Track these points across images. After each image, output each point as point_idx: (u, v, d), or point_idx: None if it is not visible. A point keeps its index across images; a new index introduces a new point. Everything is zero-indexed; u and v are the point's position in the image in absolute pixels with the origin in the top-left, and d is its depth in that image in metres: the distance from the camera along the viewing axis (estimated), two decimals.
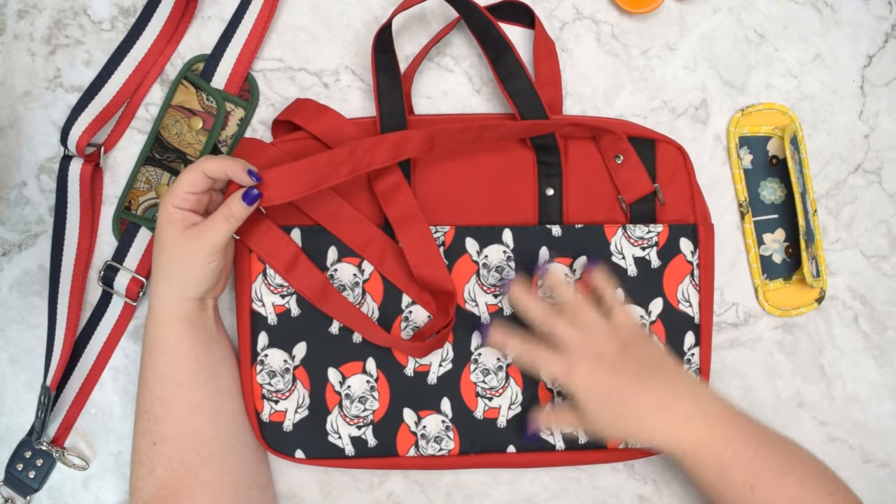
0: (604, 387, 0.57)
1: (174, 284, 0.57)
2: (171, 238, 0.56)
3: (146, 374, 0.58)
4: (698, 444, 0.56)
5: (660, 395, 0.57)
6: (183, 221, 0.56)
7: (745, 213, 0.67)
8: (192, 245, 0.55)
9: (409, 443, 0.63)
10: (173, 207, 0.56)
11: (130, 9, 0.67)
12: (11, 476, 0.65)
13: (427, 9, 0.67)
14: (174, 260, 0.56)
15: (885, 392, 0.69)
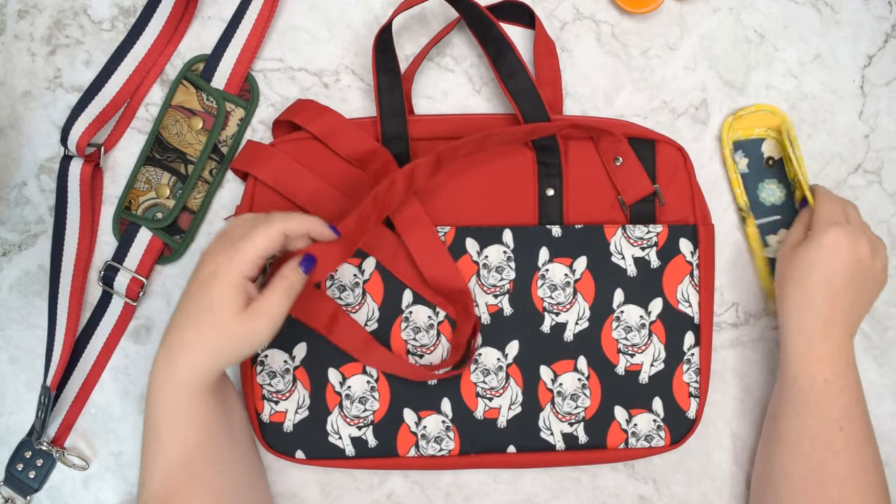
0: (829, 263, 0.59)
1: (219, 360, 0.53)
2: (230, 316, 0.51)
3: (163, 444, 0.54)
4: (822, 357, 0.59)
5: (836, 308, 0.59)
6: (246, 296, 0.52)
7: (745, 217, 0.67)
8: (253, 326, 0.51)
9: (410, 443, 0.63)
10: (243, 278, 0.51)
11: (130, 9, 0.67)
12: (11, 476, 0.65)
13: (427, 9, 0.67)
14: (228, 339, 0.51)
15: (885, 392, 0.69)
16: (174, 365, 0.53)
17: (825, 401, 0.59)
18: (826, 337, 0.59)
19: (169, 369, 0.53)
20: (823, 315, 0.59)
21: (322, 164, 0.63)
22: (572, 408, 0.64)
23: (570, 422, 0.64)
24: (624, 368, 0.64)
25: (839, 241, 0.59)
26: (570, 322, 0.64)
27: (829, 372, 0.59)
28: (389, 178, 0.58)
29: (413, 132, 0.64)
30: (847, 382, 0.59)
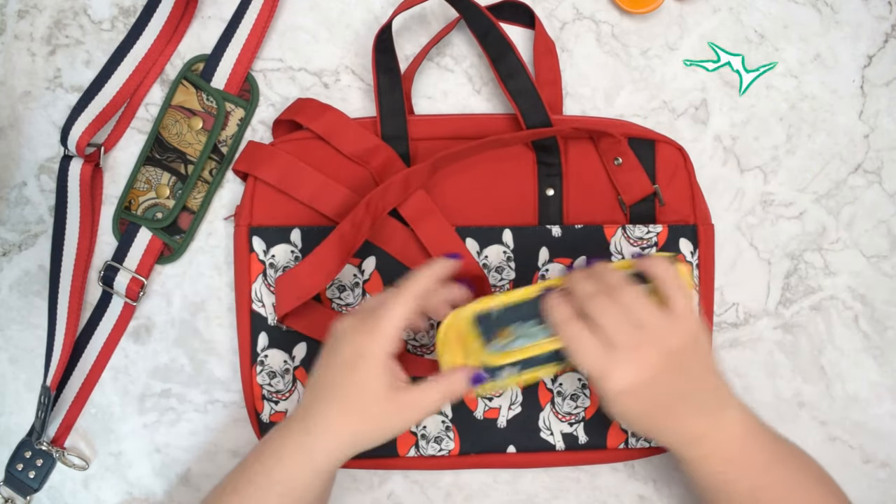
0: (637, 404, 0.51)
1: (358, 445, 0.51)
2: (377, 401, 0.49)
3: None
4: (707, 456, 0.54)
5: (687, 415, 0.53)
6: (394, 378, 0.50)
7: None
8: (401, 416, 0.50)
9: (410, 443, 0.63)
10: (388, 357, 0.50)
11: (130, 9, 0.67)
12: (11, 476, 0.65)
13: (427, 9, 0.67)
14: (373, 425, 0.50)
15: (885, 392, 0.69)
16: (311, 445, 0.51)
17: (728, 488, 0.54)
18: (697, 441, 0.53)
19: (304, 447, 0.52)
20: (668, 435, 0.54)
21: (323, 163, 0.63)
22: (572, 408, 0.64)
23: (570, 422, 0.64)
24: None
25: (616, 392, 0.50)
26: None
27: (718, 464, 0.54)
28: (384, 184, 0.59)
29: (413, 132, 0.64)
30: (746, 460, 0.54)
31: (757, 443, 0.55)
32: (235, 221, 0.64)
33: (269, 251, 0.63)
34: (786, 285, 0.68)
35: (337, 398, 0.51)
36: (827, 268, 0.69)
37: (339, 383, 0.51)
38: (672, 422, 0.53)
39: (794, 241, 0.68)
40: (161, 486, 0.66)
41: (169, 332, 0.67)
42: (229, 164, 0.66)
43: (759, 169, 0.68)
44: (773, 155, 0.69)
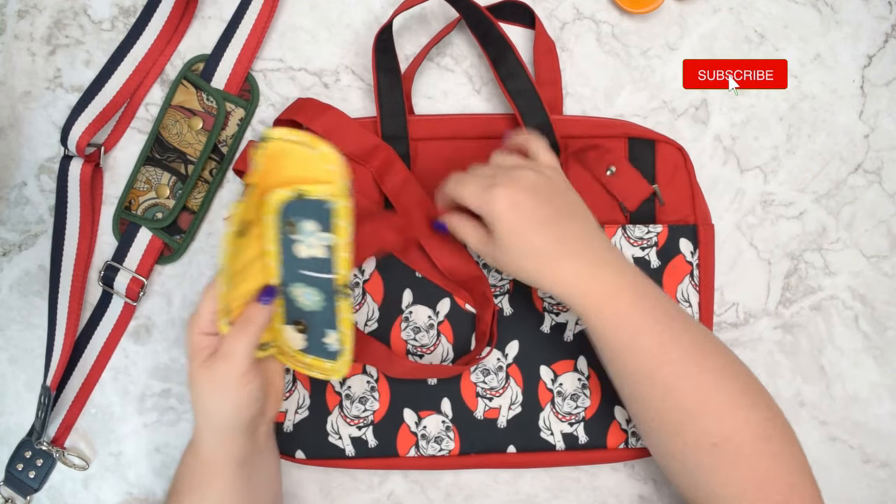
0: (522, 214, 0.52)
1: (214, 423, 0.52)
2: (194, 373, 0.51)
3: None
4: (609, 295, 0.53)
5: (576, 238, 0.53)
6: (205, 351, 0.51)
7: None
8: (216, 374, 0.50)
9: (410, 443, 0.63)
10: (199, 335, 0.51)
11: (130, 9, 0.67)
12: (11, 476, 0.65)
13: (427, 9, 0.67)
14: (204, 397, 0.51)
15: (885, 392, 0.69)
16: (195, 438, 0.54)
17: (635, 340, 0.53)
18: (592, 275, 0.53)
19: (192, 443, 0.55)
20: (558, 266, 0.53)
21: None
22: (572, 408, 0.64)
23: (570, 422, 0.64)
24: None
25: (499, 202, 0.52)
26: (571, 322, 0.64)
27: (621, 307, 0.53)
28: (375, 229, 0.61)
29: (413, 132, 0.64)
30: (647, 305, 0.53)
31: (659, 290, 0.55)
32: None
33: None
34: (786, 285, 0.68)
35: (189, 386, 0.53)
36: (827, 268, 0.69)
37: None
38: (567, 251, 0.53)
39: (794, 241, 0.68)
40: (161, 486, 0.66)
41: (169, 332, 0.67)
42: (229, 164, 0.66)
43: (759, 169, 0.69)
44: (773, 155, 0.69)
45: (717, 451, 0.52)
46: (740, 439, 0.52)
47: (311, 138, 0.48)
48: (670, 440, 0.54)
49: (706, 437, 0.52)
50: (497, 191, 0.52)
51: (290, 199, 0.50)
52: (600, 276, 0.53)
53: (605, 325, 0.53)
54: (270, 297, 0.52)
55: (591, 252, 0.54)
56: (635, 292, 0.53)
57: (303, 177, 0.49)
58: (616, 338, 0.53)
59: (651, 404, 0.54)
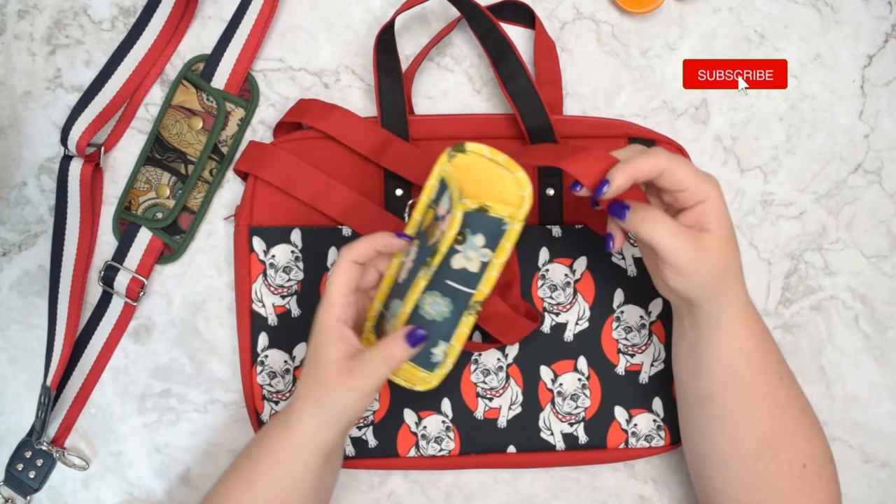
0: (730, 228, 0.51)
1: (324, 416, 0.52)
2: (331, 364, 0.51)
3: (254, 482, 0.53)
4: (755, 311, 0.54)
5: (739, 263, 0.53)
6: (344, 345, 0.51)
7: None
8: (352, 381, 0.50)
9: (410, 443, 0.63)
10: (338, 322, 0.51)
11: (130, 9, 0.67)
12: (11, 476, 0.65)
13: (428, 9, 0.67)
14: (330, 392, 0.51)
15: (885, 392, 0.69)
16: (289, 413, 0.53)
17: (768, 356, 0.54)
18: (746, 293, 0.53)
19: (284, 414, 0.54)
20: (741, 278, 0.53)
21: (324, 162, 0.63)
22: (572, 408, 0.64)
23: (570, 422, 0.64)
24: (624, 368, 0.64)
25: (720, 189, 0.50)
26: (571, 322, 0.64)
27: (759, 321, 0.54)
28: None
29: (413, 132, 0.64)
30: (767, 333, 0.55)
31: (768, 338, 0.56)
32: (235, 221, 0.64)
33: (270, 251, 0.63)
34: (786, 285, 0.68)
35: (305, 373, 0.53)
36: (827, 268, 0.69)
37: (307, 357, 0.53)
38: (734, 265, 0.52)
39: (794, 241, 0.68)
40: (161, 486, 0.66)
41: (169, 332, 0.67)
42: (229, 164, 0.66)
43: (759, 169, 0.69)
44: (773, 155, 0.69)
45: (804, 474, 0.54)
46: (821, 461, 0.55)
47: (510, 161, 0.50)
48: (765, 468, 0.54)
49: (799, 458, 0.54)
50: (717, 181, 0.49)
51: (471, 211, 0.50)
52: (750, 300, 0.54)
53: (752, 339, 0.53)
54: (419, 342, 0.51)
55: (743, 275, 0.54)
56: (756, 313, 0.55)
57: (486, 194, 0.51)
58: (755, 353, 0.53)
59: (760, 429, 0.54)
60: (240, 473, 0.55)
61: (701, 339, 0.54)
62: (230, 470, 0.56)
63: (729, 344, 0.53)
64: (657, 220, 0.49)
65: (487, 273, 0.52)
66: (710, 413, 0.55)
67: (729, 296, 0.53)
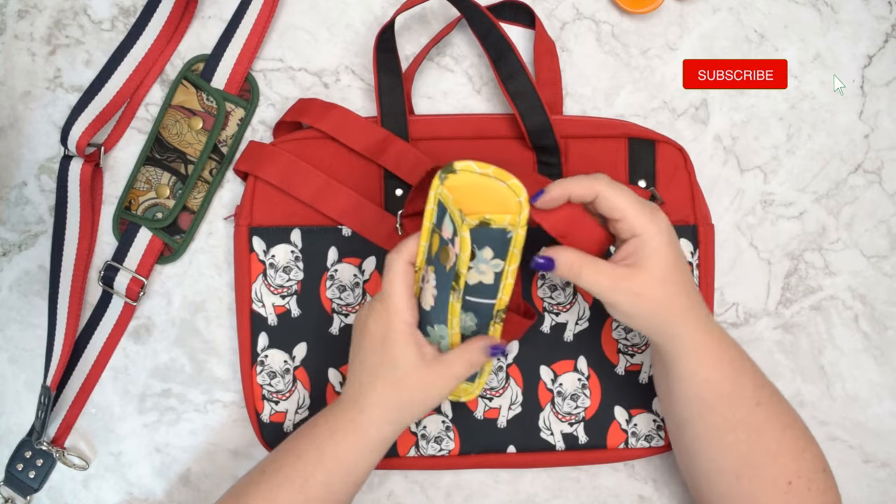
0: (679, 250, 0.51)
1: (404, 416, 0.53)
2: (413, 368, 0.52)
3: (311, 484, 0.53)
4: (720, 342, 0.53)
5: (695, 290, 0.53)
6: (420, 348, 0.52)
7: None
8: (434, 382, 0.52)
9: (410, 443, 0.63)
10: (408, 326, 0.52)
11: (130, 9, 0.67)
12: (11, 476, 0.65)
13: (428, 9, 0.67)
14: (413, 393, 0.52)
15: (885, 392, 0.69)
16: (363, 420, 0.53)
17: (738, 385, 0.53)
18: (706, 325, 0.53)
19: (356, 423, 0.53)
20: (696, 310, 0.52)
21: (324, 162, 0.63)
22: (572, 408, 0.64)
23: (570, 422, 0.64)
24: (624, 368, 0.64)
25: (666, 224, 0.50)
26: (570, 322, 0.64)
27: (730, 351, 0.54)
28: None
29: (413, 132, 0.64)
30: (739, 349, 0.54)
31: (740, 348, 0.55)
32: (235, 221, 0.64)
33: (270, 251, 0.63)
34: (786, 285, 0.68)
35: (379, 376, 0.53)
36: (827, 268, 0.69)
37: (377, 363, 0.53)
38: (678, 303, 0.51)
39: (794, 241, 0.68)
40: (161, 486, 0.66)
41: (169, 332, 0.67)
42: (229, 164, 0.66)
43: (759, 169, 0.69)
44: (773, 155, 0.69)
45: (790, 490, 0.53)
46: (809, 475, 0.54)
47: (500, 171, 0.50)
48: (748, 485, 0.54)
49: (783, 476, 0.53)
50: (663, 216, 0.50)
51: (475, 228, 0.51)
52: (710, 326, 0.53)
53: (716, 372, 0.53)
54: (497, 353, 0.53)
55: (702, 306, 0.53)
56: (729, 338, 0.54)
57: (484, 207, 0.51)
58: (722, 385, 0.53)
59: (737, 451, 0.54)
60: (291, 475, 0.53)
61: (668, 370, 0.55)
62: (273, 471, 0.54)
63: (692, 377, 0.53)
64: (583, 263, 0.50)
65: (504, 281, 0.53)
66: (688, 435, 0.56)
67: (681, 331, 0.52)
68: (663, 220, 0.50)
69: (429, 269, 0.53)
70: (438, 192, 0.51)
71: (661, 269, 0.50)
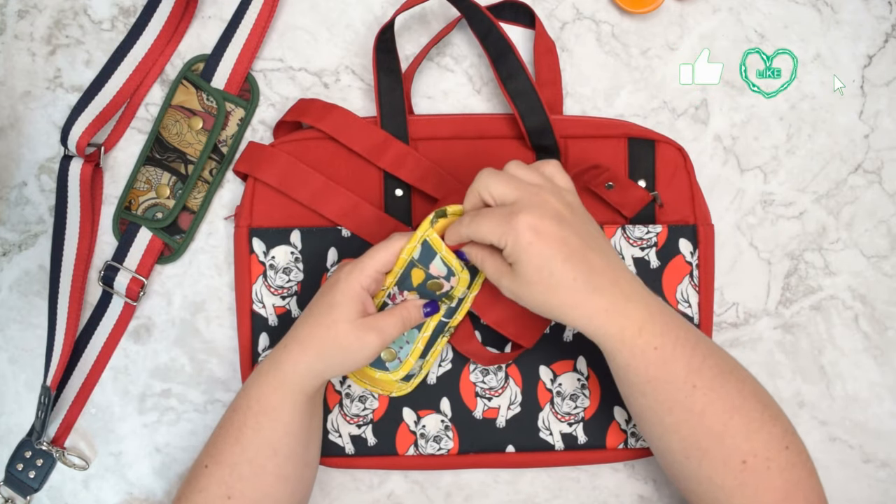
0: (550, 245, 0.50)
1: (322, 365, 0.54)
2: (346, 320, 0.53)
3: (244, 432, 0.55)
4: (641, 328, 0.51)
5: (605, 270, 0.51)
6: (362, 305, 0.54)
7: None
8: (366, 339, 0.53)
9: (409, 442, 0.63)
10: (361, 288, 0.54)
11: (130, 9, 0.67)
12: (11, 476, 0.65)
13: (427, 9, 0.67)
14: (339, 346, 0.54)
15: (885, 392, 0.69)
16: (281, 358, 0.55)
17: (665, 369, 0.51)
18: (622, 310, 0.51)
19: (275, 361, 0.55)
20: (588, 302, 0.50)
21: (323, 163, 0.63)
22: (571, 408, 0.64)
23: (569, 422, 0.64)
24: None
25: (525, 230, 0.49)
26: None
27: (652, 338, 0.51)
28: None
29: (413, 132, 0.64)
30: (676, 335, 0.52)
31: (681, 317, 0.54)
32: (235, 222, 0.64)
33: (269, 252, 0.63)
34: (786, 285, 0.68)
35: (313, 314, 0.55)
36: (827, 268, 0.69)
37: (315, 305, 0.55)
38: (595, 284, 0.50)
39: (794, 241, 0.68)
40: (161, 486, 0.66)
41: (169, 332, 0.67)
42: (229, 164, 0.66)
43: (759, 169, 0.69)
44: (773, 155, 0.69)
45: (745, 469, 0.52)
46: (766, 454, 0.52)
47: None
48: (697, 466, 0.53)
49: (735, 456, 0.52)
50: (520, 218, 0.49)
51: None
52: (629, 310, 0.51)
53: (636, 359, 0.52)
54: (433, 313, 0.57)
55: (618, 285, 0.51)
56: (663, 322, 0.52)
57: None
58: (647, 370, 0.52)
59: (679, 433, 0.53)
60: (228, 427, 0.56)
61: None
62: (217, 429, 0.57)
63: (613, 360, 0.53)
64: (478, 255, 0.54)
65: (463, 306, 0.59)
66: (633, 411, 0.56)
67: (579, 323, 0.52)
68: (521, 223, 0.49)
69: (405, 293, 0.57)
70: (425, 234, 0.55)
71: (526, 272, 0.50)
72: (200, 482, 0.55)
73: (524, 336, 0.60)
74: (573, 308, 0.51)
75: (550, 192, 0.51)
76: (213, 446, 0.56)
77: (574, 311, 0.51)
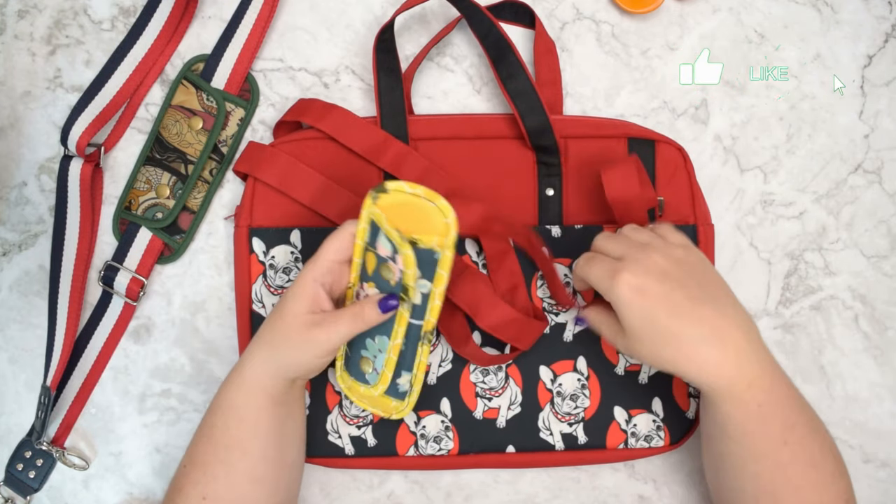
0: (653, 302, 0.51)
1: (275, 361, 0.54)
2: (295, 316, 0.53)
3: (214, 432, 0.55)
4: (750, 384, 0.51)
5: (716, 323, 0.51)
6: (314, 302, 0.53)
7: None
8: (312, 334, 0.52)
9: (409, 442, 0.63)
10: (312, 280, 0.53)
11: (130, 9, 0.67)
12: (11, 476, 0.65)
13: (427, 9, 0.68)
14: (288, 341, 0.53)
15: (885, 392, 0.69)
16: (243, 356, 0.56)
17: (764, 425, 0.52)
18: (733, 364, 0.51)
19: (239, 365, 0.56)
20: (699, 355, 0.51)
21: (323, 163, 0.63)
22: (572, 408, 0.64)
23: (569, 422, 0.64)
24: (623, 369, 0.64)
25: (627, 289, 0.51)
26: (570, 322, 0.64)
27: (760, 395, 0.52)
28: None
29: (413, 132, 0.64)
30: (780, 394, 0.53)
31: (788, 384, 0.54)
32: (235, 222, 0.64)
33: (269, 252, 0.63)
34: (786, 285, 0.68)
35: (271, 316, 0.55)
36: (827, 268, 0.69)
37: (275, 307, 0.55)
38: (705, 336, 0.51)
39: (794, 241, 0.68)
40: (161, 486, 0.66)
41: (169, 332, 0.67)
42: (229, 164, 0.66)
43: (759, 169, 0.69)
44: (773, 155, 0.69)
45: None
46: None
47: (430, 192, 0.51)
48: None
49: None
50: (621, 277, 0.51)
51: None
52: (743, 363, 0.52)
53: (738, 411, 0.52)
54: (390, 310, 0.53)
55: (731, 337, 0.51)
56: (772, 380, 0.53)
57: (413, 227, 0.52)
58: (746, 423, 0.52)
59: (758, 480, 0.54)
60: (202, 427, 0.57)
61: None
62: (195, 432, 0.58)
63: (715, 407, 0.53)
64: (596, 320, 0.57)
65: (431, 303, 0.53)
66: (714, 451, 0.57)
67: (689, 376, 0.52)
68: (622, 281, 0.52)
69: (365, 286, 0.54)
70: (370, 212, 0.52)
71: (631, 328, 0.53)
72: (179, 482, 0.56)
73: (520, 339, 0.60)
74: (685, 362, 0.52)
75: (657, 248, 0.53)
76: (191, 446, 0.57)
77: (685, 364, 0.52)
